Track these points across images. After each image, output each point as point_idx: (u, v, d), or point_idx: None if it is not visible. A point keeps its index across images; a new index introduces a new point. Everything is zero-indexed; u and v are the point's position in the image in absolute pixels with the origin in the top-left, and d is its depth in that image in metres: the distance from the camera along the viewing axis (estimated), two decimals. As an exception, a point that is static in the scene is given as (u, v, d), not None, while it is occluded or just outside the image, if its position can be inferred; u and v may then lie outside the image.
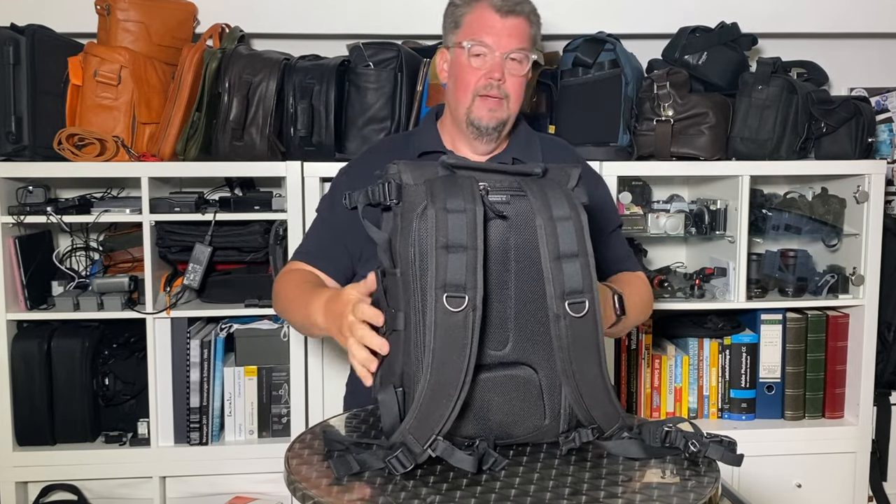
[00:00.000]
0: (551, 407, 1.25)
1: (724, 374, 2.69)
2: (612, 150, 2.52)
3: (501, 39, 1.70)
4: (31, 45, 2.35)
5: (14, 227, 2.39)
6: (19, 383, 2.42)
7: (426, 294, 1.15)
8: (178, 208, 2.40)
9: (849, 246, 2.69)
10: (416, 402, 1.14)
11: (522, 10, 1.72)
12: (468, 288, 1.14)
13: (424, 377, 1.14)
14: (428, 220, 1.16)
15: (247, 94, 2.39)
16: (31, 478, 2.45)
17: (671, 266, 2.79)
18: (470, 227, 1.16)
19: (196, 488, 2.52)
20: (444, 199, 1.17)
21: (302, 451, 1.30)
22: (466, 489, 1.14)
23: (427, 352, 1.14)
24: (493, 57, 1.70)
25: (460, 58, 1.73)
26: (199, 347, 2.45)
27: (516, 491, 1.14)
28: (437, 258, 1.14)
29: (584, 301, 1.20)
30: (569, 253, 1.20)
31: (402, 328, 1.22)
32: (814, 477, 2.65)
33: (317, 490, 1.14)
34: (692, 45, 2.60)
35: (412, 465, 1.16)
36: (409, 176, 1.24)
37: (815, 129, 2.58)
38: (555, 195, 1.23)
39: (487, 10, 1.70)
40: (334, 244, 1.77)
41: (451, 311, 1.13)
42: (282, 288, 1.74)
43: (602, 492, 1.13)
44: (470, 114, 1.73)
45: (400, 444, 1.15)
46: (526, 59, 1.73)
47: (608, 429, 1.26)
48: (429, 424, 1.14)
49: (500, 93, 1.71)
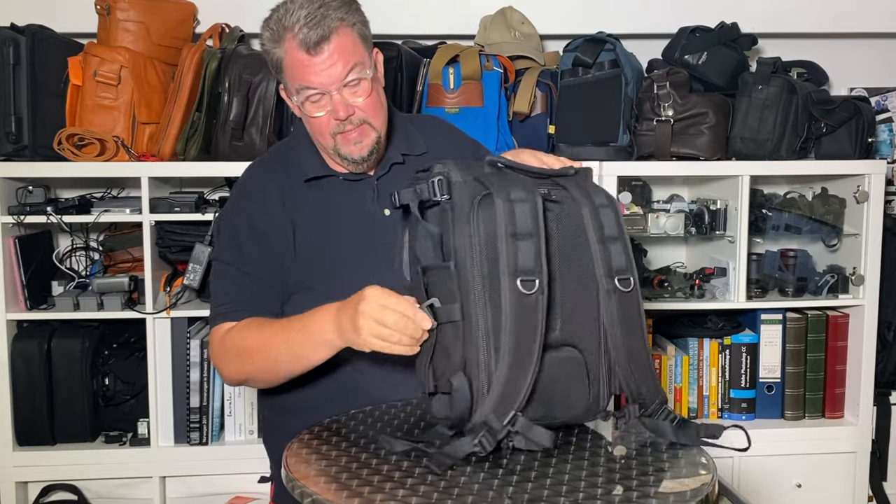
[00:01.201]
0: (593, 388, 1.31)
1: (724, 374, 2.68)
2: (612, 150, 2.53)
3: (324, 76, 1.50)
4: (31, 45, 2.35)
5: (14, 227, 2.39)
6: (19, 383, 2.42)
7: (494, 280, 1.21)
8: (178, 208, 2.40)
9: (849, 246, 2.69)
10: (497, 383, 1.20)
11: (329, 26, 1.47)
12: (537, 272, 1.21)
13: (503, 359, 1.19)
14: (496, 208, 1.22)
15: (247, 94, 2.39)
16: (31, 478, 2.45)
17: (671, 266, 2.79)
18: (533, 215, 1.23)
19: (196, 488, 2.52)
20: (508, 190, 1.24)
21: (300, 451, 1.30)
22: (467, 486, 1.14)
23: (504, 334, 1.20)
24: (329, 97, 1.52)
25: (299, 108, 1.57)
26: (199, 347, 2.45)
27: (476, 490, 1.14)
28: (507, 245, 1.21)
29: (629, 277, 1.31)
30: (611, 236, 1.31)
31: (458, 318, 1.25)
32: (814, 477, 2.65)
33: (316, 488, 1.15)
34: (692, 45, 2.60)
35: (496, 444, 1.20)
36: (457, 174, 1.29)
37: (815, 129, 2.58)
38: (592, 187, 1.35)
39: (296, 50, 1.49)
40: (265, 288, 1.61)
41: (524, 293, 1.20)
42: (236, 342, 1.54)
43: (599, 489, 1.13)
44: (339, 151, 1.59)
45: (483, 425, 1.20)
46: (363, 76, 1.53)
47: (651, 403, 1.32)
48: (508, 403, 1.20)
49: (356, 123, 1.55)
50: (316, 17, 1.47)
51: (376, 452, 1.29)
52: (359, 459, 1.26)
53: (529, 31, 2.70)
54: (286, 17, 1.49)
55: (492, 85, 2.53)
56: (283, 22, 1.49)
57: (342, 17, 1.50)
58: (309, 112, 1.56)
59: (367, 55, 1.56)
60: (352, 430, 1.41)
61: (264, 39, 1.55)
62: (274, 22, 1.52)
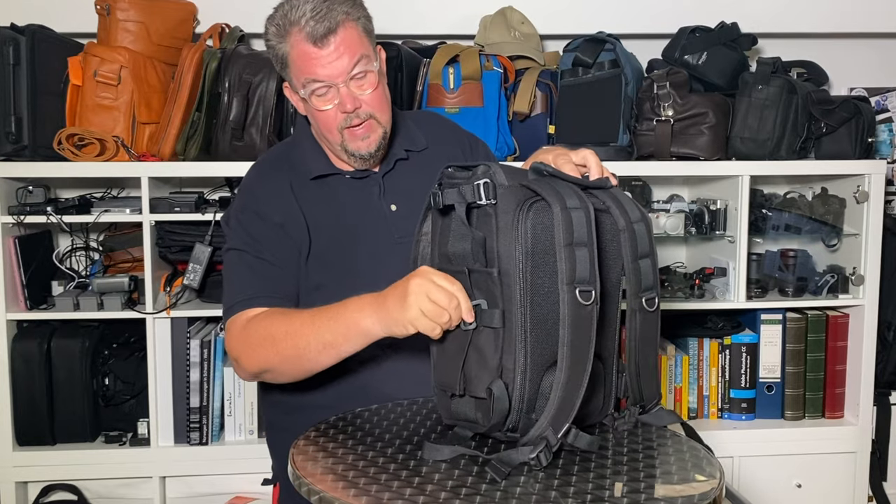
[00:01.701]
0: (607, 391, 1.36)
1: (724, 374, 2.68)
2: (612, 150, 2.53)
3: (331, 68, 1.52)
4: (31, 45, 2.35)
5: (14, 227, 2.38)
6: (19, 383, 2.41)
7: (538, 288, 1.21)
8: (178, 208, 2.40)
9: (849, 246, 2.70)
10: (555, 396, 1.18)
11: (335, 19, 1.50)
12: (592, 282, 1.20)
13: (561, 372, 1.18)
14: (554, 217, 1.20)
15: (247, 94, 2.39)
16: (31, 478, 2.44)
17: (671, 266, 2.79)
18: (588, 224, 1.21)
19: (196, 488, 2.51)
20: (563, 198, 1.21)
21: (307, 448, 1.30)
22: (474, 485, 1.14)
23: (562, 345, 1.18)
24: (336, 90, 1.54)
25: (307, 102, 1.58)
26: (199, 347, 2.45)
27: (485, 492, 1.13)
28: (566, 254, 1.18)
29: (654, 297, 1.33)
30: (644, 253, 1.32)
31: (499, 325, 1.24)
32: (814, 477, 2.65)
33: (323, 486, 1.14)
34: (692, 45, 2.60)
35: (552, 457, 1.20)
36: (503, 177, 1.26)
37: (815, 129, 2.59)
38: (627, 201, 1.33)
39: (303, 43, 1.51)
40: (285, 275, 1.59)
41: (582, 304, 1.18)
42: (261, 330, 1.49)
43: (606, 491, 1.13)
44: (346, 147, 1.59)
45: (542, 439, 1.19)
46: (369, 68, 1.55)
47: (649, 404, 1.37)
48: (563, 415, 1.19)
49: (363, 117, 1.57)
50: (321, 11, 1.49)
51: (383, 450, 1.29)
52: (366, 457, 1.26)
53: (529, 31, 2.70)
54: (292, 13, 1.51)
55: (492, 85, 2.53)
56: (289, 17, 1.51)
57: (347, 10, 1.52)
58: (316, 106, 1.56)
59: (372, 49, 1.58)
60: (358, 427, 1.41)
61: (269, 35, 1.56)
62: (279, 17, 1.53)
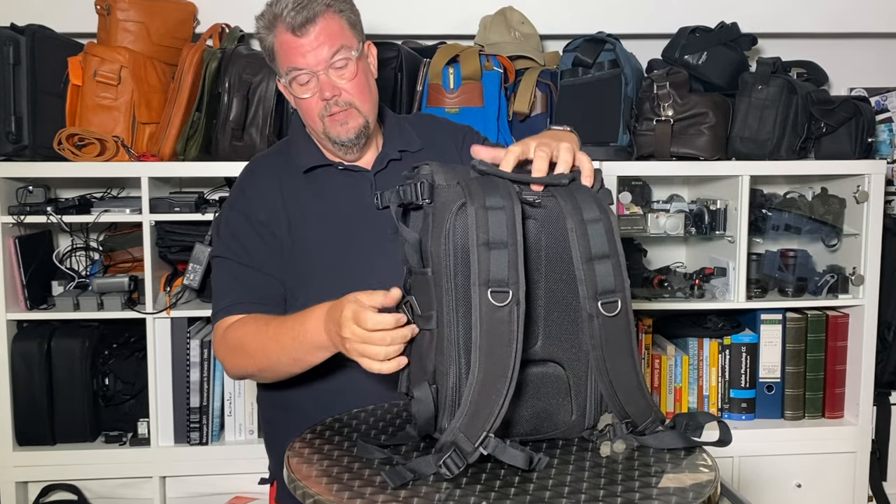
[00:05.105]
0: (578, 403, 1.27)
1: (724, 373, 2.68)
2: (612, 150, 2.53)
3: (310, 57, 1.57)
4: (31, 45, 2.35)
5: (14, 227, 2.39)
6: (19, 383, 2.42)
7: (467, 290, 1.16)
8: (178, 208, 2.40)
9: (849, 246, 2.69)
10: (466, 400, 1.13)
11: (314, 10, 1.56)
12: (511, 283, 1.14)
13: (473, 376, 1.13)
14: (468, 217, 1.16)
15: (247, 94, 2.39)
16: (31, 478, 2.45)
17: (671, 266, 2.79)
18: (510, 224, 1.16)
19: (196, 488, 2.52)
20: (483, 197, 1.17)
21: (303, 450, 1.30)
22: (469, 486, 1.14)
23: (474, 349, 1.13)
24: (315, 79, 1.59)
25: (289, 91, 1.64)
26: (199, 347, 2.45)
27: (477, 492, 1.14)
28: (479, 255, 1.14)
29: (616, 301, 1.23)
30: (600, 254, 1.22)
31: (434, 327, 1.22)
32: (814, 477, 2.65)
33: (318, 489, 1.14)
34: (692, 45, 2.60)
35: (464, 466, 1.14)
36: (441, 177, 1.24)
37: (815, 129, 2.58)
38: (584, 198, 1.25)
39: (284, 32, 1.57)
40: (266, 280, 1.64)
41: (496, 306, 1.13)
42: (235, 341, 1.57)
43: (601, 491, 1.13)
44: (328, 134, 1.63)
45: (451, 445, 1.14)
46: (349, 58, 1.59)
47: (641, 423, 1.28)
48: (479, 422, 1.13)
49: (342, 105, 1.60)
50: (302, 2, 1.56)
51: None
52: (361, 459, 1.25)
53: (529, 31, 2.70)
54: (276, 6, 1.59)
55: (492, 85, 2.53)
56: (274, 10, 1.59)
57: (328, 2, 1.58)
58: (297, 93, 1.62)
59: (356, 41, 1.62)
60: (354, 429, 1.41)
61: (259, 29, 1.64)
62: (267, 13, 1.61)
